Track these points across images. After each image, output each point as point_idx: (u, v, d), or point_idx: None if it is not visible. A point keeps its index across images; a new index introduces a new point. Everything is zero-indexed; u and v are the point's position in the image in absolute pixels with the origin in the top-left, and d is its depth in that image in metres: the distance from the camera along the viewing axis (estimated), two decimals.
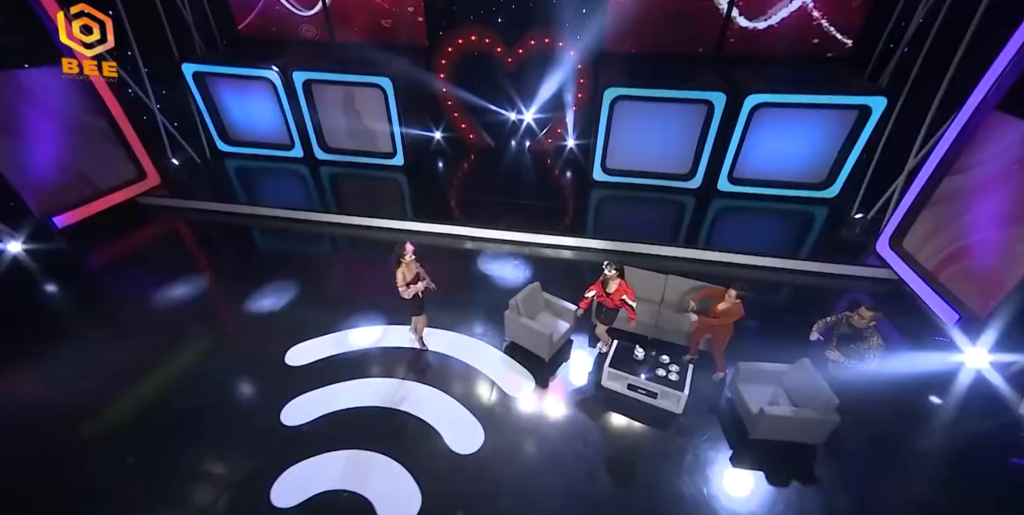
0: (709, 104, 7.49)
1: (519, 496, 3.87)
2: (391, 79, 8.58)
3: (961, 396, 4.75)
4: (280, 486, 3.94)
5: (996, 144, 5.34)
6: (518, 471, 4.08)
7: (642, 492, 3.93)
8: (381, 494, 3.88)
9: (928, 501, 3.94)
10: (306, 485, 3.94)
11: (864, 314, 3.87)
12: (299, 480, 3.99)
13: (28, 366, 5.14)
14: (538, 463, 4.15)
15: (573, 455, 4.22)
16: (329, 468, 4.09)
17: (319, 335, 5.52)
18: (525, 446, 4.31)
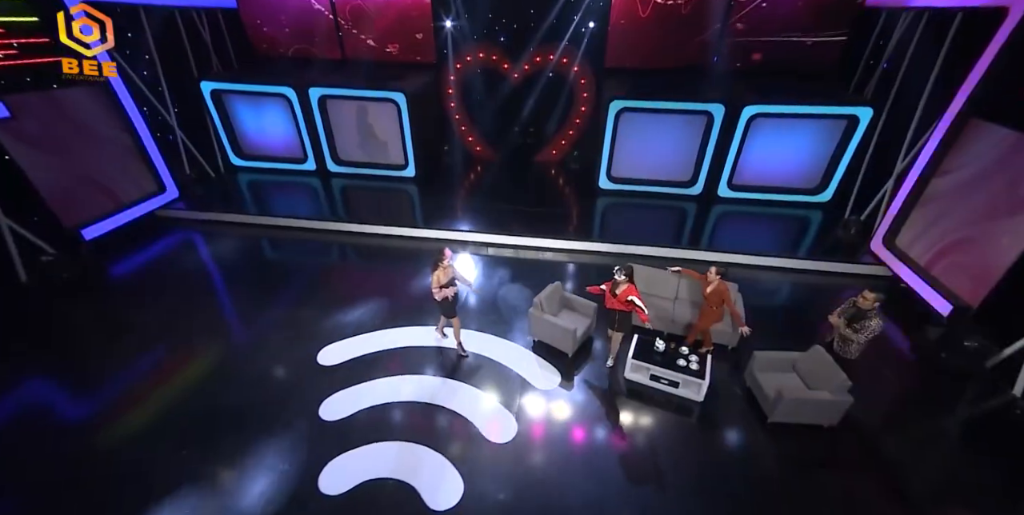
0: (709, 115, 8.01)
1: (555, 481, 4.10)
2: (405, 94, 9.01)
3: (957, 377, 5.10)
4: (326, 476, 4.13)
5: (976, 148, 5.85)
6: (552, 457, 4.31)
7: (668, 477, 4.17)
8: (424, 481, 4.09)
9: (935, 477, 4.23)
10: (352, 474, 4.14)
11: (868, 296, 4.25)
12: (344, 470, 4.18)
13: (68, 369, 5.29)
14: (570, 449, 4.39)
15: (603, 442, 4.47)
16: (371, 459, 4.29)
17: (346, 337, 5.75)
18: (556, 434, 4.55)
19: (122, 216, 8.05)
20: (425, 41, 9.99)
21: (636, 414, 4.79)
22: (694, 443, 4.50)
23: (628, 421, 4.72)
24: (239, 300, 6.65)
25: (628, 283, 4.68)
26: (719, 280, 4.77)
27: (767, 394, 4.52)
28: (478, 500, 3.95)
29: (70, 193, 7.25)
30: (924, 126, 6.77)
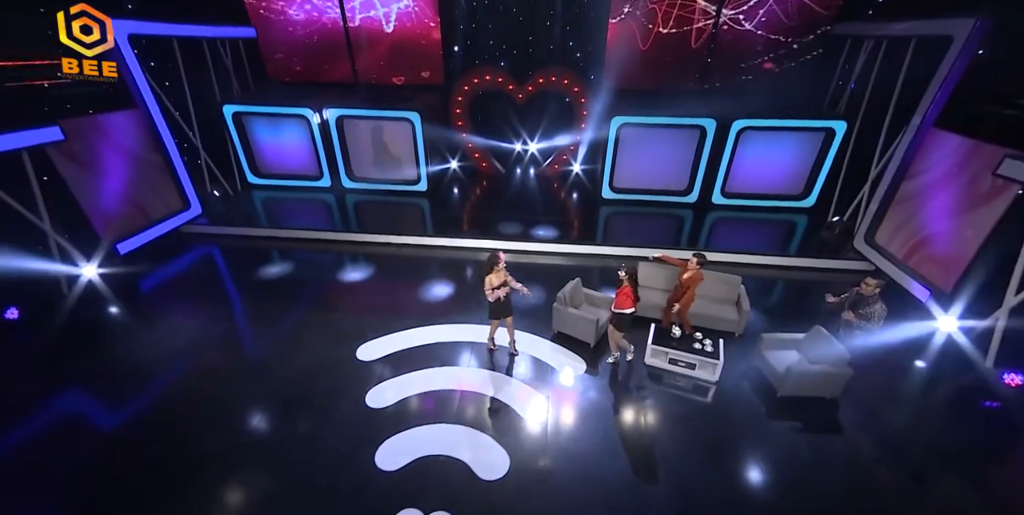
0: (702, 129, 8.89)
1: (590, 452, 4.58)
2: (419, 113, 9.74)
3: (939, 355, 5.80)
4: (381, 454, 4.54)
5: (937, 154, 6.73)
6: (585, 433, 4.79)
7: (690, 449, 4.68)
8: (474, 457, 4.54)
9: (922, 438, 4.84)
10: (405, 453, 4.56)
11: (870, 282, 4.92)
12: (397, 449, 4.60)
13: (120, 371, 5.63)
14: (600, 425, 4.89)
15: (629, 418, 4.99)
16: (421, 439, 4.72)
17: (380, 336, 6.19)
18: (588, 413, 5.05)
19: (152, 231, 8.47)
20: (434, 66, 10.83)
21: (658, 394, 5.33)
22: (713, 417, 5.04)
23: (651, 400, 5.24)
24: (270, 306, 7.00)
25: (627, 283, 5.06)
26: (698, 269, 5.40)
27: (776, 370, 5.13)
28: (524, 469, 4.40)
29: (108, 210, 7.69)
30: (892, 136, 7.69)
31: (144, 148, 8.37)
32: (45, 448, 4.64)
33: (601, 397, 5.29)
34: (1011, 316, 5.40)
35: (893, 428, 4.92)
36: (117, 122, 7.83)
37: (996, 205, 5.65)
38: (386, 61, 10.92)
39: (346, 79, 11.09)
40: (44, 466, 4.44)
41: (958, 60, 6.20)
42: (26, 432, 4.80)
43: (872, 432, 4.86)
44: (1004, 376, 5.24)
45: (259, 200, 10.70)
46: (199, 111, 9.69)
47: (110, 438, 4.77)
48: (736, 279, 6.31)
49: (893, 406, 5.20)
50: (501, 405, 5.16)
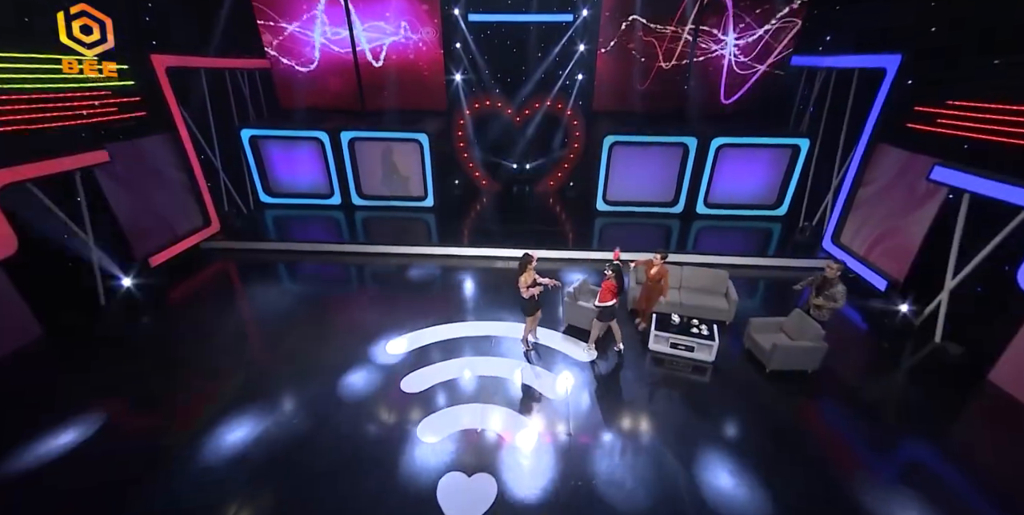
0: (685, 146, 10.10)
1: (606, 422, 5.33)
2: (428, 135, 10.72)
3: (897, 334, 6.84)
4: (422, 429, 5.19)
5: (883, 164, 8.01)
6: (601, 407, 5.55)
7: (693, 416, 5.49)
8: (505, 428, 5.24)
9: (888, 398, 5.78)
10: (445, 426, 5.23)
11: (832, 266, 5.93)
12: (437, 424, 5.26)
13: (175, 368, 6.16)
14: (613, 401, 5.66)
15: (638, 394, 5.78)
16: (457, 415, 5.39)
17: (402, 333, 6.86)
18: (601, 391, 5.82)
19: (178, 247, 9.04)
20: (437, 92, 11.92)
21: (662, 373, 6.16)
22: (711, 391, 5.88)
23: (657, 378, 6.06)
24: (295, 312, 7.58)
25: (611, 279, 5.76)
26: (662, 264, 6.36)
27: (764, 349, 6.04)
28: (550, 436, 5.12)
29: (141, 225, 8.28)
30: (848, 150, 9.00)
31: (173, 169, 9.05)
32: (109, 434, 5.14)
33: (610, 378, 6.08)
34: (951, 300, 6.49)
35: (864, 393, 5.86)
36: (151, 145, 8.53)
37: (931, 206, 6.85)
38: (392, 89, 11.95)
39: (353, 106, 12.04)
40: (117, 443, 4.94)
41: (890, 87, 7.55)
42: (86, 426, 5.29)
43: (846, 396, 5.78)
44: (948, 348, 6.27)
45: (273, 217, 11.38)
46: (220, 135, 10.45)
47: (175, 421, 5.29)
48: (724, 274, 7.31)
49: (862, 376, 6.16)
50: (524, 386, 5.89)
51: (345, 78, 11.82)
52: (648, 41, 10.90)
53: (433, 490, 4.49)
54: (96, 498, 4.43)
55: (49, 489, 4.51)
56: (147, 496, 4.45)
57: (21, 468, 4.70)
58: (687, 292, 7.32)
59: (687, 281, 7.44)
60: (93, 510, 4.35)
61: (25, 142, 6.45)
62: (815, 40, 10.06)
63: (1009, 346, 5.61)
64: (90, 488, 4.52)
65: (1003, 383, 5.71)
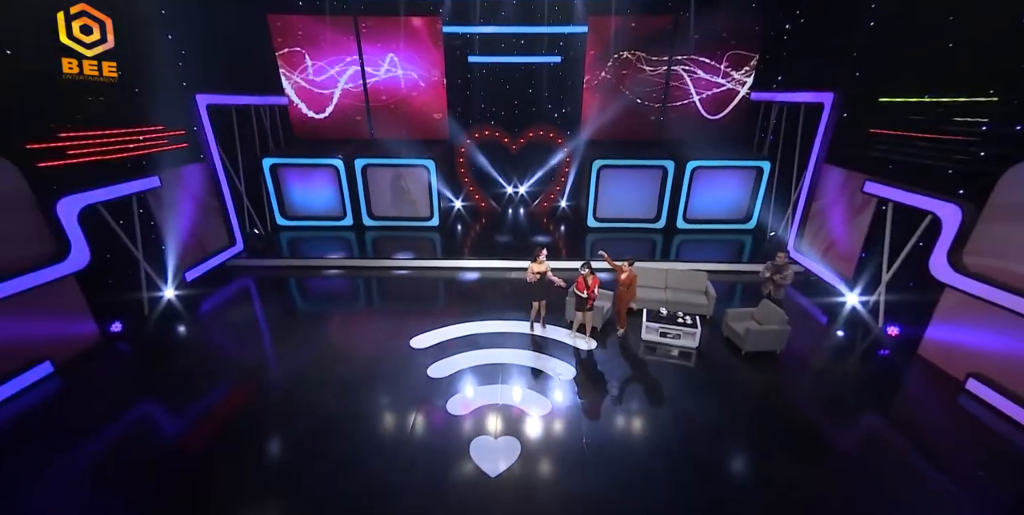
0: (664, 168, 11.67)
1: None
2: (435, 161, 12.09)
3: (848, 321, 8.19)
4: (451, 405, 6.16)
5: (828, 182, 9.62)
6: (604, 387, 6.63)
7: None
8: (524, 402, 6.26)
9: (839, 374, 7.01)
10: (470, 403, 6.22)
11: (781, 255, 7.32)
12: (463, 401, 6.25)
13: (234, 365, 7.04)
14: (614, 382, 6.74)
15: (636, 376, 6.89)
16: (480, 394, 6.40)
17: (423, 332, 7.87)
18: (602, 373, 6.91)
19: (208, 264, 10.00)
20: (440, 123, 13.41)
21: (655, 358, 7.30)
22: (697, 371, 7.03)
23: (650, 363, 7.20)
24: (323, 317, 8.59)
25: (593, 276, 7.10)
26: (630, 270, 7.54)
27: (739, 333, 7.27)
28: (563, 409, 6.15)
29: (181, 243, 9.26)
30: (801, 170, 10.64)
31: (207, 194, 10.14)
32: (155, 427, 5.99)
33: (612, 362, 7.20)
34: (887, 290, 7.89)
35: (821, 369, 7.09)
36: (190, 173, 9.66)
37: (867, 213, 8.37)
38: (399, 120, 13.40)
39: (362, 136, 13.41)
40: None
41: (828, 119, 9.27)
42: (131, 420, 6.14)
43: (806, 372, 7.00)
44: (887, 329, 7.61)
45: (293, 237, 12.41)
46: (245, 163, 11.64)
47: (233, 407, 6.16)
48: (703, 275, 8.63)
49: (820, 355, 7.42)
50: (537, 370, 6.94)
51: (355, 111, 13.23)
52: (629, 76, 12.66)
53: (466, 450, 5.45)
54: (181, 460, 5.29)
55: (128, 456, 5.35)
56: (230, 456, 5.32)
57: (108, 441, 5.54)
58: (672, 291, 8.58)
59: (672, 282, 8.72)
60: (188, 465, 5.20)
61: (99, 170, 7.51)
62: (770, 80, 11.95)
63: (929, 325, 6.96)
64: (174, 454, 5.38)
65: (929, 356, 7.04)
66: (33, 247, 6.46)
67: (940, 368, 6.85)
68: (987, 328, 6.14)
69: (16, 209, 6.23)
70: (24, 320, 6.31)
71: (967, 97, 6.68)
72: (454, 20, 12.49)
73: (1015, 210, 5.83)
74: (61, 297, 6.85)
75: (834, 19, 9.60)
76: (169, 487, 4.96)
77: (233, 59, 10.95)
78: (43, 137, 6.65)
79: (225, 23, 10.37)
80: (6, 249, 6.11)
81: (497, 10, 12.48)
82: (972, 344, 6.38)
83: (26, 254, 6.34)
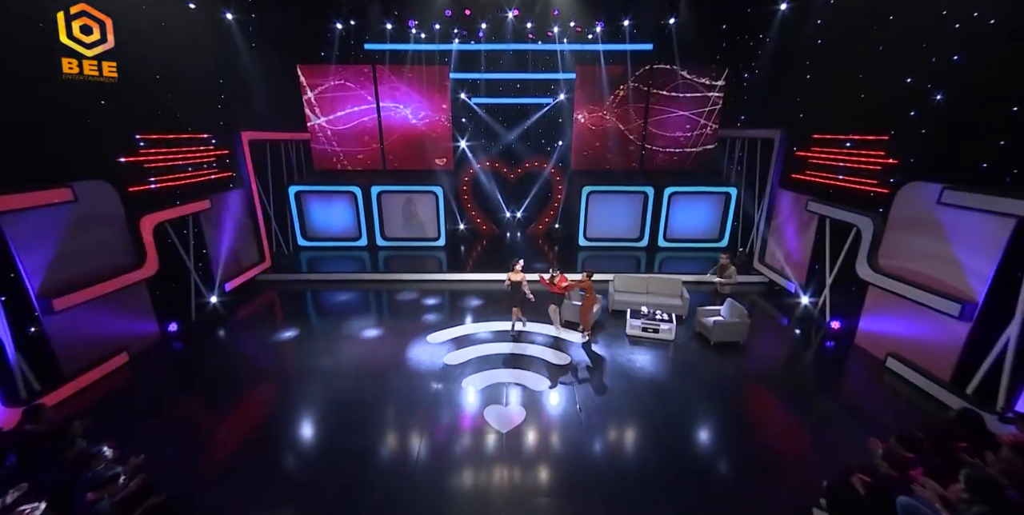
0: (645, 193, 13.51)
1: (602, 381, 7.79)
2: (442, 188, 13.84)
3: (800, 317, 9.75)
4: (465, 383, 7.50)
5: (782, 203, 11.45)
6: (594, 371, 8.02)
7: (667, 387, 8.00)
8: (527, 382, 7.61)
9: (791, 361, 8.49)
10: (483, 382, 7.56)
11: (724, 256, 8.96)
12: (476, 381, 7.58)
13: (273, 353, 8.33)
14: (605, 367, 8.14)
15: (623, 363, 8.30)
16: (491, 376, 7.74)
17: (436, 331, 9.27)
18: (593, 361, 8.31)
19: (244, 276, 11.41)
20: (446, 155, 15.27)
21: (638, 349, 8.72)
22: (673, 358, 8.46)
23: (636, 352, 8.62)
24: (341, 322, 9.89)
25: (561, 275, 8.81)
26: (587, 279, 8.87)
27: (708, 327, 8.76)
28: (560, 386, 7.51)
29: (222, 258, 10.71)
30: (762, 195, 12.51)
31: (244, 216, 11.70)
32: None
33: (601, 352, 8.61)
34: (831, 292, 9.52)
35: (778, 356, 8.58)
36: (232, 197, 11.25)
37: (811, 228, 10.12)
38: (409, 152, 15.26)
39: (376, 167, 15.20)
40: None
41: (780, 152, 11.23)
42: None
43: (763, 359, 8.46)
44: (831, 324, 9.17)
45: (310, 257, 13.90)
46: (274, 190, 13.29)
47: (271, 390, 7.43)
48: (678, 280, 10.22)
49: (778, 346, 8.91)
50: (537, 359, 8.32)
51: (368, 144, 15.08)
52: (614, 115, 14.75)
53: (481, 414, 6.77)
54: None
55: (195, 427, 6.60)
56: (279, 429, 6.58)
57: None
58: (652, 295, 10.13)
59: (652, 288, 10.28)
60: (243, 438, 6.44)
61: (167, 195, 9.08)
62: (734, 118, 14.06)
63: (860, 318, 8.55)
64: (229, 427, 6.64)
65: (863, 344, 8.56)
66: (119, 257, 7.90)
67: (869, 352, 8.37)
68: (898, 316, 7.72)
69: (113, 224, 7.72)
70: (112, 316, 7.65)
71: (873, 135, 8.59)
72: (459, 68, 14.61)
73: (904, 222, 7.59)
74: (136, 299, 8.21)
75: (781, 71, 11.74)
76: (222, 445, 6.21)
77: (269, 102, 12.81)
78: (128, 149, 8.25)
79: (264, 71, 12.28)
80: (107, 257, 7.56)
81: (496, 60, 14.65)
82: (889, 331, 7.94)
83: (118, 262, 7.78)
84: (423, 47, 14.01)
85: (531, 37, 14.10)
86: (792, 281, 10.78)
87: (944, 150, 7.30)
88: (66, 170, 6.98)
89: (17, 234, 6.09)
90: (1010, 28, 6.41)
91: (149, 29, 8.47)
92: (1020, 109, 6.26)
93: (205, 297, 10.07)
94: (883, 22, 8.40)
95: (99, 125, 7.51)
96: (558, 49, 14.10)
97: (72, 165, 7.13)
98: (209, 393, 7.34)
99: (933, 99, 7.46)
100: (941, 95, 7.37)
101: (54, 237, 6.67)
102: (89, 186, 7.16)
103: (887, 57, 8.38)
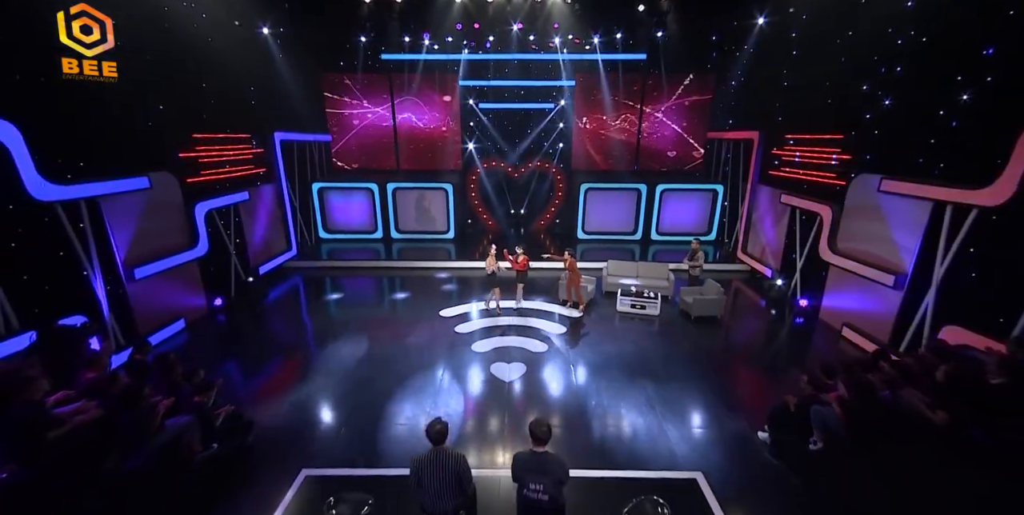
0: (638, 190, 14.79)
1: (596, 350, 8.99)
2: (452, 185, 15.19)
3: (774, 296, 10.94)
4: (474, 347, 8.73)
5: (761, 197, 12.69)
6: (589, 340, 9.23)
7: (649, 350, 9.20)
8: (531, 346, 8.85)
9: (765, 333, 9.69)
10: (490, 345, 8.78)
11: (695, 243, 10.17)
12: (484, 344, 8.81)
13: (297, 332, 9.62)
14: (599, 341, 9.36)
15: (615, 337, 9.51)
16: (499, 341, 8.98)
17: (447, 307, 10.54)
18: (587, 332, 9.53)
19: (273, 262, 12.75)
20: (455, 156, 16.64)
21: (627, 324, 9.94)
22: (659, 332, 9.67)
23: (625, 326, 9.83)
24: (363, 301, 11.26)
25: (523, 255, 10.06)
26: (571, 258, 10.23)
27: (689, 303, 9.98)
28: (560, 348, 8.74)
29: (257, 244, 12.05)
30: (744, 190, 13.76)
31: (275, 207, 13.07)
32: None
33: (595, 327, 9.83)
34: (801, 274, 10.73)
35: (753, 329, 9.78)
36: (266, 191, 12.63)
37: (785, 219, 11.35)
38: (421, 153, 16.64)
39: (390, 166, 16.59)
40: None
41: (757, 150, 12.49)
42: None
43: (741, 331, 9.67)
44: (799, 301, 10.37)
45: (333, 247, 15.24)
46: (300, 185, 14.68)
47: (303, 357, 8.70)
48: (665, 266, 11.46)
49: (753, 321, 10.11)
50: (536, 329, 9.56)
51: (383, 146, 16.48)
52: (611, 119, 16.09)
53: (488, 369, 8.00)
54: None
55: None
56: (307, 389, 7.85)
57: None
58: (641, 279, 11.37)
59: (641, 272, 11.53)
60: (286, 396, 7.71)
61: (215, 186, 10.45)
62: (721, 122, 15.36)
63: (824, 295, 9.74)
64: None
65: (826, 319, 9.75)
66: (178, 237, 9.25)
67: (830, 324, 9.55)
68: (852, 291, 8.92)
69: (175, 210, 9.09)
70: (173, 288, 8.99)
71: (835, 135, 9.86)
72: (468, 76, 16.01)
73: (855, 209, 8.83)
74: (190, 275, 9.55)
75: (762, 78, 13.03)
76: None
77: (297, 105, 14.23)
78: (187, 145, 9.66)
79: (292, 79, 13.70)
80: (171, 237, 8.92)
81: (502, 69, 16.04)
82: (845, 305, 9.14)
83: (177, 242, 9.13)
84: (435, 57, 15.44)
85: (534, 47, 15.48)
86: (769, 267, 11.99)
87: (890, 147, 8.55)
88: (142, 163, 8.34)
89: (111, 214, 7.44)
90: (942, 47, 7.64)
91: (193, 36, 9.91)
92: (944, 113, 7.51)
93: (243, 277, 11.40)
94: (843, 37, 9.69)
95: (163, 125, 8.90)
96: (559, 58, 15.47)
97: (143, 159, 8.50)
98: (254, 356, 8.63)
99: (883, 103, 8.73)
100: (888, 100, 8.64)
101: (134, 218, 8.03)
102: (159, 177, 8.52)
103: (848, 67, 9.66)
